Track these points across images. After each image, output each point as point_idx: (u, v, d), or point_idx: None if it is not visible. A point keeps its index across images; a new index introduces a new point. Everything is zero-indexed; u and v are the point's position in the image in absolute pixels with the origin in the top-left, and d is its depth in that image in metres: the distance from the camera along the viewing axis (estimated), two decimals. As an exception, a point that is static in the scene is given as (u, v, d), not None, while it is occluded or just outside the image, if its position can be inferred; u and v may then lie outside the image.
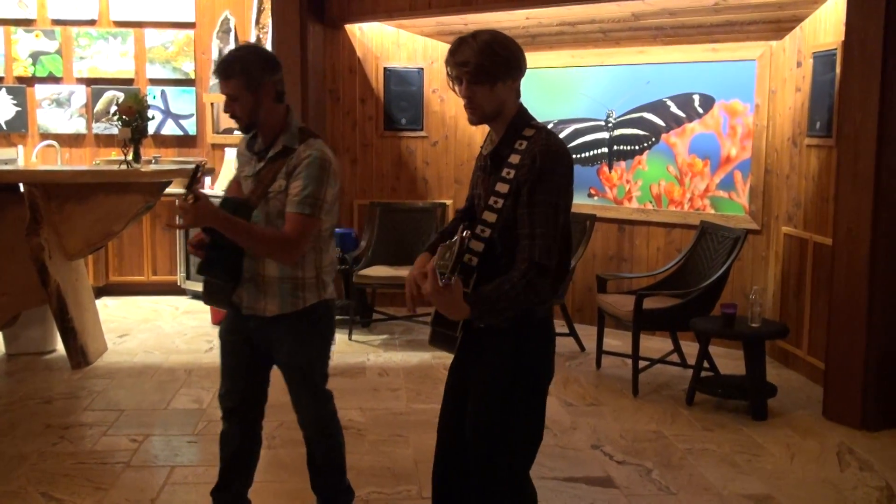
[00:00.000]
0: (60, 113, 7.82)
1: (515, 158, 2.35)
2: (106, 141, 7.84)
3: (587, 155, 6.67)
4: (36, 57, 7.76)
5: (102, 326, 5.93)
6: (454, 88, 2.42)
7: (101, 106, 7.82)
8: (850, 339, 4.53)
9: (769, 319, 5.26)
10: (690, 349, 5.47)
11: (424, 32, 7.00)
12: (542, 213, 2.28)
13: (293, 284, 2.94)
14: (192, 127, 7.93)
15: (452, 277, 2.17)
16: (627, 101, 6.44)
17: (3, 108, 7.75)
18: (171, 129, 7.89)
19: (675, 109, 6.23)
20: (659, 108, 6.30)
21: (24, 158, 7.45)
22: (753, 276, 5.94)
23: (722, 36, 5.89)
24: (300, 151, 2.86)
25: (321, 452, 3.20)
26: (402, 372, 5.47)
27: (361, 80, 7.24)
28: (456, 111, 7.15)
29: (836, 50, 4.93)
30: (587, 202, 6.65)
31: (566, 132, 6.73)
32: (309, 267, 2.96)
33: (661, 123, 6.30)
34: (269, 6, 7.33)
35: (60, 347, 5.63)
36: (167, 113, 7.87)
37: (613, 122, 6.52)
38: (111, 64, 7.81)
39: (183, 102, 7.90)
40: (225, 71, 2.81)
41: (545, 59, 6.76)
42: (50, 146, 7.26)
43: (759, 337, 4.72)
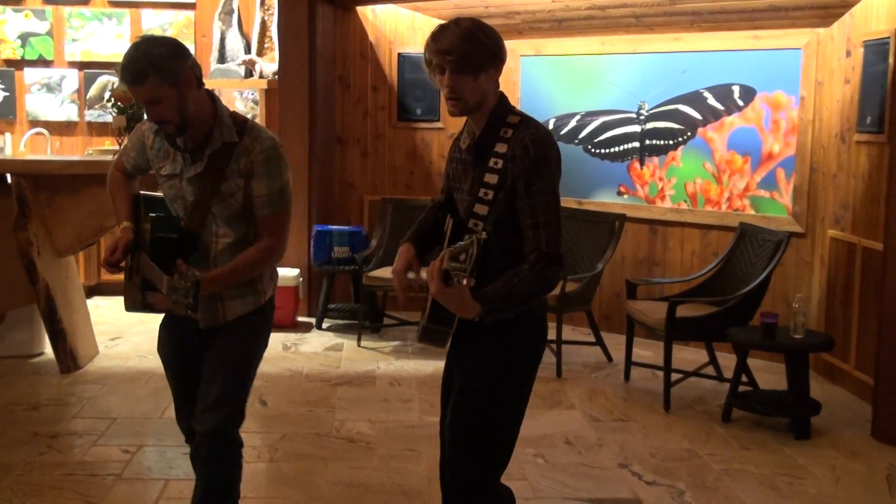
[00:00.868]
0: (51, 99, 7.87)
1: (502, 147, 2.45)
2: (99, 129, 7.89)
3: (617, 150, 6.65)
4: (25, 38, 7.81)
5: (94, 328, 5.96)
6: (433, 78, 2.49)
7: (94, 92, 7.86)
8: (901, 352, 4.50)
9: (813, 330, 5.23)
10: (727, 361, 5.45)
11: (442, 16, 7.00)
12: (542, 202, 2.39)
13: (251, 281, 2.88)
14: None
15: (469, 279, 2.23)
16: (661, 91, 6.42)
17: (-11, 93, 7.81)
18: (168, 117, 7.91)
19: (712, 101, 6.20)
20: (695, 99, 6.27)
21: (11, 147, 7.50)
22: (797, 282, 5.91)
23: (765, 22, 5.86)
24: (247, 145, 2.76)
25: (208, 480, 2.87)
26: (414, 381, 5.48)
27: (374, 66, 7.26)
28: (475, 101, 7.13)
29: (889, 38, 4.90)
30: (616, 201, 6.63)
31: (594, 125, 6.71)
32: None
33: (697, 116, 6.27)
34: (275, -14, 7.35)
35: (49, 350, 5.66)
36: (165, 100, 7.90)
37: (646, 114, 6.50)
38: (106, 46, 7.85)
39: (182, 89, 7.92)
40: (134, 74, 2.61)
41: (572, 45, 6.75)
42: (39, 134, 7.32)
43: (802, 349, 4.70)
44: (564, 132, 6.83)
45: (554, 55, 6.86)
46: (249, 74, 7.52)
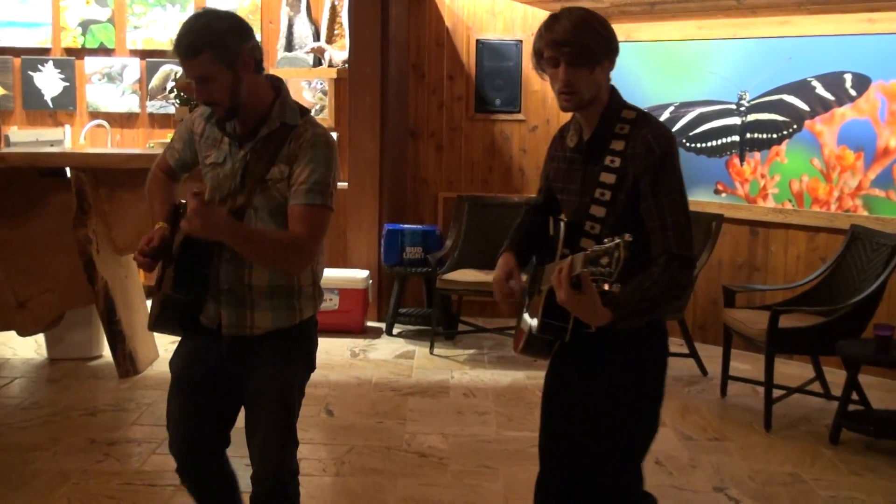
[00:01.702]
0: (112, 89, 8.07)
1: (619, 145, 2.45)
2: (161, 121, 8.06)
3: (714, 144, 6.57)
4: (86, 26, 8.03)
5: (153, 331, 6.09)
6: (543, 72, 2.49)
7: (156, 81, 8.04)
8: None
9: (933, 344, 5.10)
10: (836, 377, 5.36)
11: (525, 0, 6.99)
12: (669, 201, 2.39)
13: (287, 294, 2.75)
14: (256, 106, 8.07)
15: (615, 283, 2.21)
16: (764, 80, 6.33)
17: (49, 83, 8.05)
18: (233, 108, 8.04)
19: (821, 91, 6.09)
20: (802, 89, 6.17)
21: (71, 140, 7.71)
22: (915, 291, 5.77)
23: (881, 4, 5.72)
24: (301, 129, 2.68)
25: None
26: (490, 393, 5.48)
27: (450, 54, 7.28)
28: (559, 91, 7.11)
29: None
30: (713, 199, 6.55)
31: (690, 117, 6.64)
32: (306, 271, 2.77)
33: (804, 108, 6.16)
34: (346, -31, 7.42)
35: (107, 353, 5.81)
36: (229, 90, 8.03)
37: (747, 105, 6.41)
38: (169, 34, 8.02)
39: (247, 78, 8.05)
40: (188, 47, 2.54)
41: (666, 30, 6.69)
42: (100, 126, 7.52)
43: (920, 365, 4.58)
44: (656, 125, 6.74)
45: (646, 41, 6.80)
46: (318, 63, 7.61)
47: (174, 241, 2.75)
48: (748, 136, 6.44)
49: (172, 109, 7.66)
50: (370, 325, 6.92)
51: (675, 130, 6.70)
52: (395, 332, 6.79)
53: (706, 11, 6.47)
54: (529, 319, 2.59)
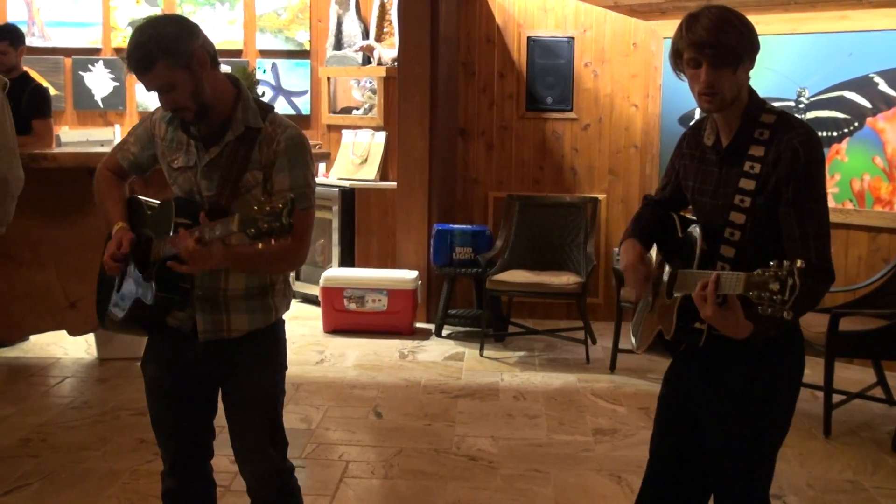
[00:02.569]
0: (161, 89, 8.16)
1: (758, 150, 2.42)
2: (210, 121, 8.14)
3: (772, 142, 6.49)
4: (136, 26, 8.12)
5: (202, 331, 6.16)
6: (681, 73, 2.49)
7: (205, 81, 8.12)
8: None
9: None
10: (898, 382, 5.28)
11: (576, -5, 6.98)
12: (811, 210, 2.37)
13: (262, 293, 2.76)
14: (305, 105, 8.15)
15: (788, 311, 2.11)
16: (824, 77, 6.26)
17: (100, 82, 8.19)
18: (282, 107, 8.14)
19: (884, 87, 6.01)
20: (864, 85, 6.09)
21: (121, 139, 7.82)
22: (981, 294, 5.66)
23: (947, -4, 5.63)
24: (269, 132, 2.66)
25: None
26: (541, 396, 5.47)
27: (501, 51, 7.28)
28: (612, 89, 7.09)
29: None
30: (771, 199, 6.48)
31: (746, 114, 6.57)
32: None
33: (866, 105, 6.09)
34: (395, -34, 7.45)
35: (156, 353, 5.88)
36: (278, 89, 8.13)
37: (806, 102, 6.34)
38: (217, 33, 8.12)
39: (296, 77, 8.14)
40: (140, 61, 2.53)
41: (722, 26, 6.62)
42: (149, 126, 7.60)
43: None
44: (712, 122, 6.70)
45: (701, 37, 6.73)
46: (367, 61, 7.66)
47: (153, 250, 2.69)
48: (807, 133, 6.35)
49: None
50: (419, 326, 6.94)
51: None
52: (444, 333, 6.81)
53: (763, 7, 6.40)
54: (655, 320, 2.58)
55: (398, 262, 7.11)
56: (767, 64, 6.48)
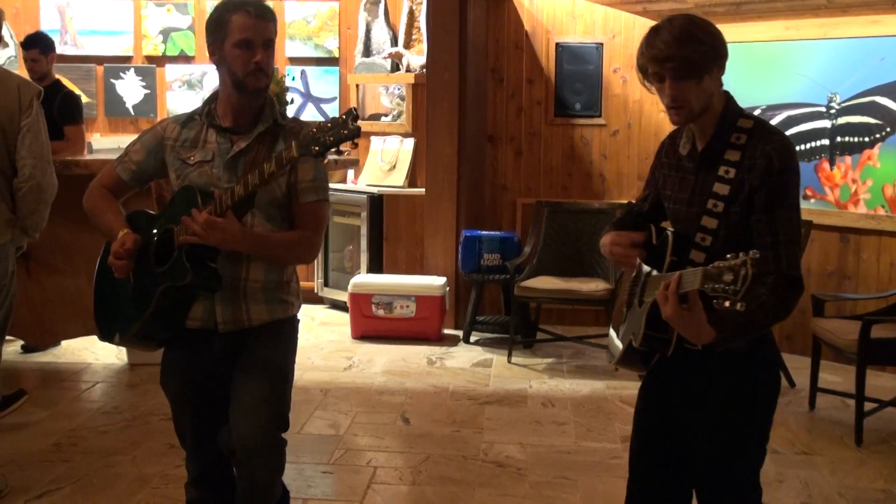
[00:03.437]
0: (191, 96, 8.24)
1: (734, 155, 2.41)
2: (240, 128, 8.19)
3: (804, 148, 6.46)
4: (167, 34, 8.22)
5: (231, 337, 6.20)
6: (649, 86, 2.47)
7: (235, 88, 8.18)
8: None
9: None
10: (931, 390, 5.21)
11: (605, 2, 6.96)
12: (784, 217, 2.37)
13: (279, 288, 2.89)
14: (334, 112, 8.18)
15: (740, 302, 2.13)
16: (855, 82, 6.21)
17: (131, 90, 8.26)
18: (311, 114, 8.17)
19: (917, 92, 5.95)
20: (896, 90, 6.04)
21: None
22: None
23: (981, 0, 5.57)
24: (292, 126, 2.83)
25: (249, 485, 2.84)
26: (569, 403, 5.46)
27: (529, 57, 7.28)
28: (641, 94, 7.07)
29: None
30: (802, 205, 6.39)
31: (777, 119, 6.53)
32: (292, 268, 2.96)
33: (898, 110, 6.03)
34: (424, -27, 7.47)
35: (186, 359, 5.92)
36: (307, 96, 8.17)
37: (837, 107, 6.30)
38: (247, 41, 8.15)
39: (325, 84, 8.17)
40: (267, 9, 2.78)
41: (753, 31, 6.59)
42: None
43: None
44: (742, 128, 6.67)
45: (731, 42, 6.60)
46: (396, 68, 7.67)
47: (175, 236, 2.74)
48: (838, 139, 6.31)
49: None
50: (447, 332, 6.94)
51: (761, 134, 6.60)
52: (472, 339, 6.80)
53: (794, 11, 6.37)
54: (629, 330, 2.57)
55: (426, 268, 7.12)
56: (798, 69, 6.45)
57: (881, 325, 4.98)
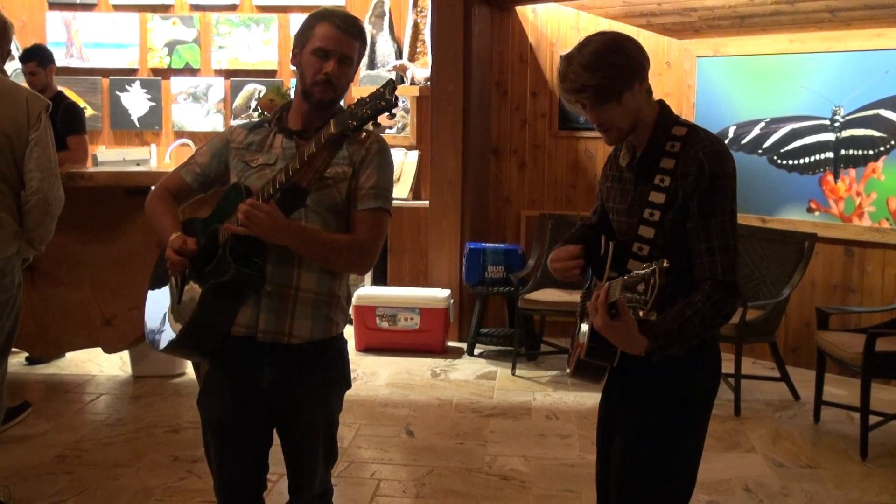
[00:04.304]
0: (197, 108, 8.27)
1: (669, 163, 2.40)
2: (244, 140, 8.21)
3: (807, 161, 6.46)
4: (172, 47, 8.25)
5: (235, 349, 6.19)
6: (577, 112, 2.48)
7: (240, 100, 8.22)
8: None
9: None
10: (936, 404, 5.21)
11: (609, 14, 6.97)
12: (718, 224, 2.36)
13: (328, 303, 2.71)
14: (338, 125, 8.18)
15: (650, 312, 2.15)
16: (860, 95, 6.21)
17: (136, 102, 8.28)
18: (315, 127, 8.16)
19: (921, 105, 5.95)
20: (900, 103, 6.04)
21: (156, 159, 7.91)
22: None
23: (985, 14, 5.58)
24: (359, 135, 2.69)
25: None
26: (574, 416, 5.45)
27: (533, 70, 7.29)
28: (645, 107, 7.07)
29: None
30: (806, 218, 6.43)
31: (781, 133, 6.54)
32: (345, 283, 2.78)
33: (902, 123, 6.04)
34: (429, -14, 7.49)
35: (190, 371, 5.93)
36: (312, 109, 8.16)
37: (841, 120, 6.30)
38: (252, 54, 8.20)
39: (329, 97, 8.17)
40: (359, 30, 2.70)
41: (756, 44, 6.60)
42: (185, 145, 7.69)
43: None
44: (746, 141, 6.68)
45: (735, 55, 6.73)
46: (401, 81, 7.69)
47: (220, 234, 2.66)
48: (843, 152, 6.31)
49: (256, 128, 7.79)
50: (451, 345, 6.94)
51: (765, 147, 6.60)
52: (476, 352, 6.80)
53: (798, 24, 6.37)
54: (577, 342, 2.56)
55: (430, 280, 7.12)
56: (802, 82, 6.45)
57: (886, 338, 4.97)
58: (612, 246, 2.49)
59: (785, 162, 6.56)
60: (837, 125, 6.32)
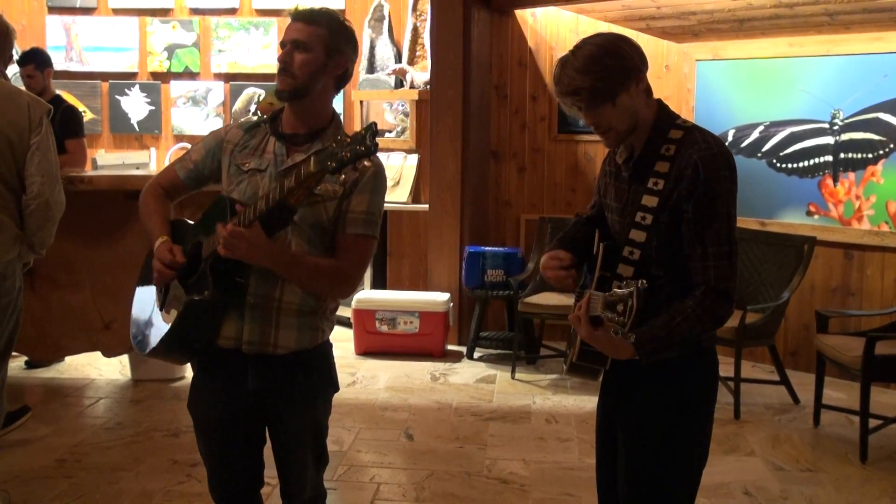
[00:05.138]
0: (196, 112, 8.27)
1: (663, 166, 2.38)
2: (244, 144, 8.21)
3: (806, 164, 6.46)
4: (172, 50, 8.25)
5: (235, 353, 6.19)
6: (574, 116, 2.48)
7: (240, 104, 8.20)
8: None
9: None
10: (936, 407, 5.20)
11: (608, 18, 6.97)
12: (713, 229, 2.32)
13: (313, 313, 2.69)
14: (338, 128, 8.18)
15: (628, 334, 2.17)
16: (859, 98, 6.21)
17: (136, 106, 8.29)
18: (315, 130, 8.16)
19: (920, 109, 5.96)
20: (899, 107, 6.05)
21: (156, 163, 7.91)
22: None
23: (983, 17, 5.59)
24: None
25: None
26: (573, 419, 5.45)
27: (533, 74, 7.29)
28: (644, 111, 7.07)
29: None
30: (805, 221, 6.44)
31: (780, 136, 6.54)
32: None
33: (901, 126, 6.04)
34: (428, -10, 7.50)
35: (189, 375, 5.92)
36: (311, 112, 8.17)
37: (840, 124, 6.30)
38: (252, 58, 8.21)
39: (329, 100, 8.17)
40: (313, 15, 2.66)
41: (756, 47, 6.61)
42: (184, 149, 7.68)
43: None
44: (745, 144, 6.68)
45: (734, 59, 6.74)
46: (400, 84, 7.69)
47: (204, 248, 2.66)
48: (842, 155, 6.32)
49: (255, 132, 7.79)
50: (451, 348, 6.94)
51: (764, 151, 6.61)
52: (475, 355, 6.80)
53: (797, 28, 6.38)
54: (570, 345, 2.57)
55: (430, 284, 7.12)
56: (801, 85, 6.46)
57: (885, 341, 4.98)
58: (602, 248, 2.46)
59: (784, 165, 6.56)
60: (837, 129, 6.33)
